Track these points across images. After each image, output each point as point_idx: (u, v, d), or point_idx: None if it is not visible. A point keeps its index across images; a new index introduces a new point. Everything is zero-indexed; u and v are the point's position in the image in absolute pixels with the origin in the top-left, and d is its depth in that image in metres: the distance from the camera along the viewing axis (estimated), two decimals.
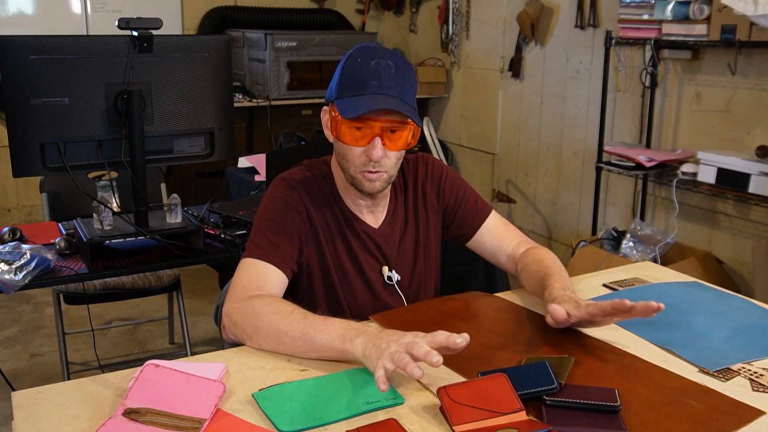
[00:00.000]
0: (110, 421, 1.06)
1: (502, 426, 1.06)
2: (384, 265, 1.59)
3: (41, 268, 1.92)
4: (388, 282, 1.59)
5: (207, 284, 3.99)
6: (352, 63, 1.45)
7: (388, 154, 1.45)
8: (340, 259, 1.55)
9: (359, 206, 1.57)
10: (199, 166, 4.31)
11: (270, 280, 1.43)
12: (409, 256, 1.63)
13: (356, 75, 1.43)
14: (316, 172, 1.57)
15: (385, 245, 1.59)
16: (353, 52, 1.46)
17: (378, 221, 1.59)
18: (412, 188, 1.64)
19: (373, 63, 1.42)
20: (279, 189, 1.53)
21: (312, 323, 1.27)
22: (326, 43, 4.68)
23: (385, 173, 1.47)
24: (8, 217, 4.56)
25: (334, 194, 1.56)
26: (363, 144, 1.43)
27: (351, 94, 1.43)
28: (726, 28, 2.89)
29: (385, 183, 1.50)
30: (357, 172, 1.47)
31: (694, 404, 1.14)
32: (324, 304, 1.55)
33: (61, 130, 1.96)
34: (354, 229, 1.56)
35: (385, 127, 1.42)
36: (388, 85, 1.41)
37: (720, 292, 1.65)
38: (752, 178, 2.83)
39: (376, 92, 1.41)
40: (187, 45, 2.11)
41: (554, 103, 4.14)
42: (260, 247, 1.46)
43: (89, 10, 4.60)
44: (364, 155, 1.44)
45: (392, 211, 1.61)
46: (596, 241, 3.54)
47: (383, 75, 1.41)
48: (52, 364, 3.13)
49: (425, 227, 1.64)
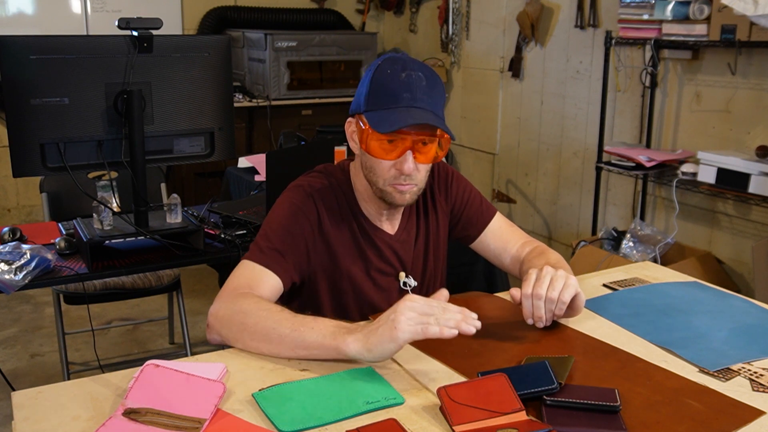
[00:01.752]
0: (110, 421, 1.06)
1: (502, 426, 1.06)
2: (401, 270, 1.58)
3: (41, 268, 1.92)
4: (404, 288, 1.58)
5: (207, 284, 3.99)
6: (381, 74, 1.41)
7: (419, 167, 1.43)
8: (352, 267, 1.53)
9: (380, 215, 1.55)
10: (199, 166, 4.31)
11: (264, 284, 1.40)
12: (421, 259, 1.62)
13: (387, 87, 1.39)
14: (334, 181, 1.54)
15: (402, 251, 1.58)
16: (382, 63, 1.42)
17: (394, 227, 1.58)
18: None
19: (404, 75, 1.39)
20: (294, 195, 1.51)
21: (302, 321, 1.26)
22: (326, 43, 4.68)
23: (416, 186, 1.46)
24: (8, 217, 4.56)
25: (352, 205, 1.54)
26: (393, 157, 1.41)
27: (383, 107, 1.39)
28: (726, 28, 2.89)
29: (416, 195, 1.48)
30: (387, 185, 1.44)
31: (694, 404, 1.14)
32: (330, 313, 1.53)
33: (61, 130, 1.96)
34: (369, 237, 1.54)
35: (417, 140, 1.39)
36: (421, 98, 1.39)
37: (720, 292, 1.65)
38: (752, 178, 2.83)
39: (409, 105, 1.38)
40: (187, 45, 2.11)
41: (554, 103, 4.14)
42: (263, 251, 1.43)
43: (89, 10, 4.60)
44: (394, 168, 1.42)
45: (407, 216, 1.60)
46: (596, 241, 3.54)
47: (415, 88, 1.38)
48: (52, 364, 3.13)
49: (435, 229, 1.64)
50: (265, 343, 1.27)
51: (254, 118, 4.63)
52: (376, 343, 1.18)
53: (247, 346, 1.29)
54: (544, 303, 1.35)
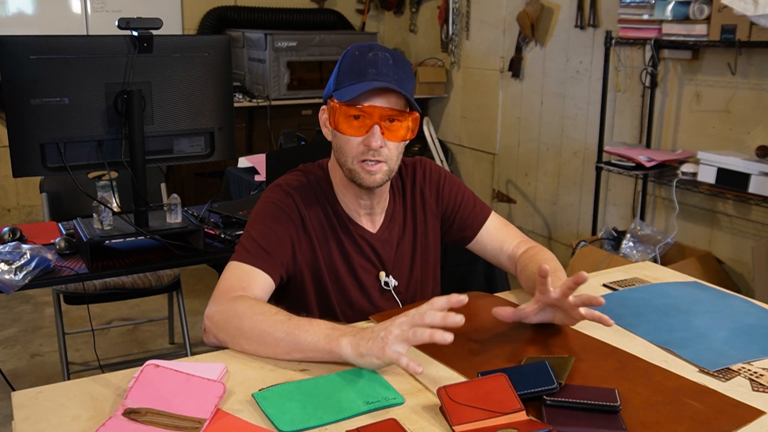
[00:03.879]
0: (110, 421, 1.06)
1: (502, 426, 1.06)
2: (381, 270, 1.58)
3: (41, 268, 1.92)
4: (385, 287, 1.58)
5: (207, 284, 3.99)
6: (349, 57, 1.46)
7: (388, 145, 1.44)
8: (333, 263, 1.54)
9: (357, 209, 1.56)
10: (199, 166, 4.31)
11: (256, 283, 1.41)
12: (407, 261, 1.61)
13: (354, 66, 1.43)
14: (312, 177, 1.56)
15: (382, 250, 1.58)
16: (350, 48, 1.47)
17: (376, 225, 1.58)
18: (410, 192, 1.63)
19: (370, 54, 1.43)
20: (273, 194, 1.52)
21: (297, 324, 1.26)
22: (326, 43, 4.68)
23: (386, 164, 1.45)
24: (8, 217, 4.56)
25: (330, 198, 1.55)
26: (362, 133, 1.42)
27: (349, 83, 1.43)
28: (726, 28, 2.89)
29: (386, 176, 1.47)
30: (355, 164, 1.45)
31: (694, 404, 1.14)
32: (316, 311, 1.54)
33: (61, 130, 1.96)
34: (350, 233, 1.55)
35: (384, 116, 1.41)
36: (386, 73, 1.41)
37: (720, 292, 1.65)
38: (752, 178, 2.84)
39: (374, 79, 1.41)
40: (187, 45, 2.11)
41: (554, 103, 4.14)
42: (249, 251, 1.44)
43: (89, 10, 4.60)
44: (362, 145, 1.43)
45: (390, 215, 1.60)
46: (596, 241, 3.54)
47: (381, 64, 1.42)
48: (52, 364, 3.13)
49: (423, 231, 1.63)
50: (261, 346, 1.27)
51: (254, 118, 4.63)
52: (365, 353, 1.19)
53: (245, 349, 1.29)
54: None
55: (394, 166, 1.48)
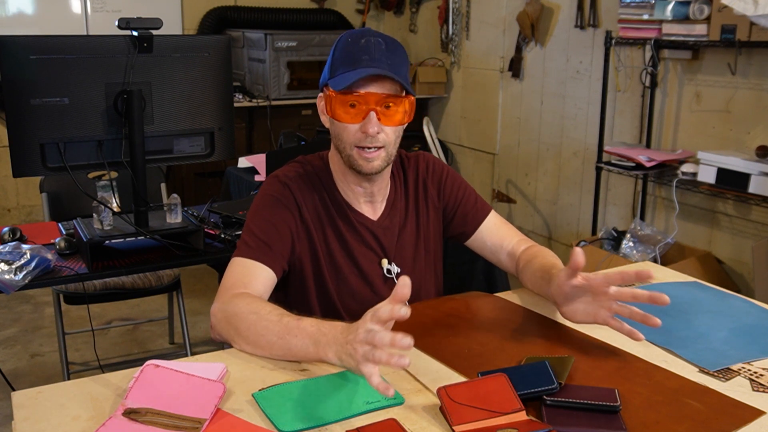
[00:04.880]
0: (110, 421, 1.06)
1: (502, 426, 1.05)
2: (383, 257, 1.58)
3: (41, 268, 1.92)
4: (388, 275, 1.57)
5: (207, 284, 3.99)
6: (342, 43, 1.46)
7: (385, 130, 1.44)
8: (331, 250, 1.53)
9: (357, 196, 1.56)
10: (199, 166, 4.31)
11: (257, 278, 1.42)
12: (410, 250, 1.61)
13: (347, 53, 1.44)
14: (309, 167, 1.57)
15: (384, 237, 1.57)
16: (343, 35, 1.48)
17: (377, 213, 1.58)
18: (413, 183, 1.63)
19: (363, 41, 1.43)
20: (271, 187, 1.53)
21: (286, 326, 1.25)
22: (326, 43, 4.68)
23: (384, 150, 1.46)
24: (8, 217, 4.56)
25: (328, 185, 1.55)
26: (358, 120, 1.43)
27: (343, 71, 1.43)
28: (726, 28, 2.89)
29: (384, 162, 1.47)
30: (353, 149, 1.45)
31: (694, 404, 1.14)
32: (316, 302, 1.54)
33: (61, 130, 1.96)
34: (349, 221, 1.55)
35: (380, 101, 1.42)
36: (379, 59, 1.42)
37: (720, 292, 1.65)
38: (752, 178, 2.84)
39: (367, 65, 1.41)
40: (187, 45, 2.11)
41: (554, 103, 4.14)
42: (250, 246, 1.45)
43: (89, 10, 4.60)
44: (359, 131, 1.43)
45: (392, 203, 1.60)
46: (596, 241, 3.54)
47: (374, 50, 1.42)
48: (52, 364, 3.13)
49: (425, 222, 1.64)
50: (257, 348, 1.28)
51: (254, 118, 4.63)
52: (348, 367, 1.17)
53: (244, 348, 1.31)
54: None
55: (392, 151, 1.49)
